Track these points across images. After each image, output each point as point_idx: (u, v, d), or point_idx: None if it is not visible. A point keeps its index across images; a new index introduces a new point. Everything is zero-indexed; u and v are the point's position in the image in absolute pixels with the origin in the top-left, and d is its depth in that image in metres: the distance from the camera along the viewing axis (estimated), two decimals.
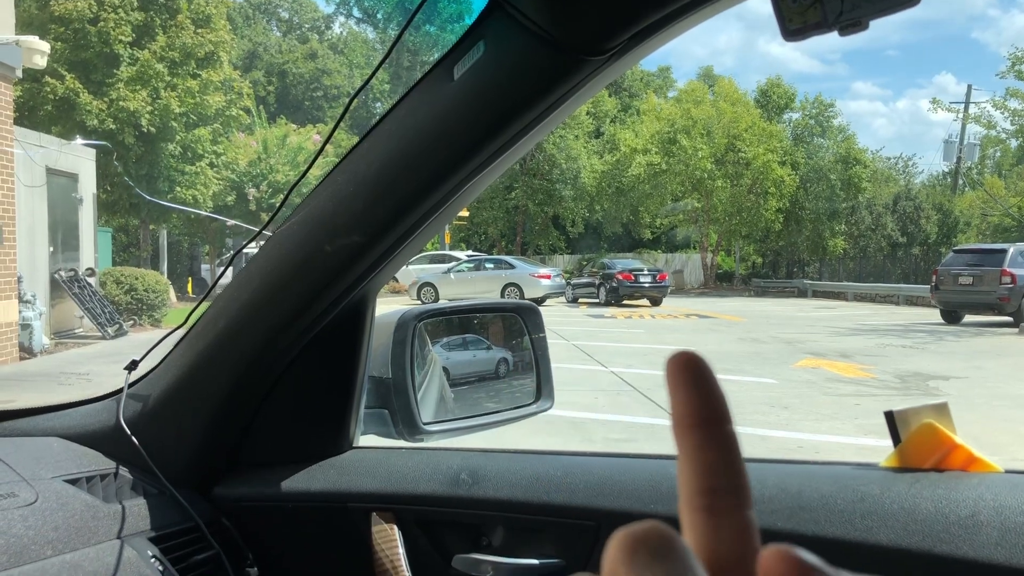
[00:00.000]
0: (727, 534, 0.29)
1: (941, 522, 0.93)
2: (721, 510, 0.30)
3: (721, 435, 0.31)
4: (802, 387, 9.34)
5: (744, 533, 0.30)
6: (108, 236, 21.35)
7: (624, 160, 35.05)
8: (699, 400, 0.31)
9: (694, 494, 0.30)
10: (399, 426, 1.35)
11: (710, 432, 0.30)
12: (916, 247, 33.95)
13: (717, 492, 0.30)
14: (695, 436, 0.30)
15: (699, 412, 0.31)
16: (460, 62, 0.99)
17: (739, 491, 0.30)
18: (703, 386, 0.31)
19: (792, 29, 0.92)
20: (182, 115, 21.20)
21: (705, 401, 0.31)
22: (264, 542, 1.29)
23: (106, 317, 14.55)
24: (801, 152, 36.00)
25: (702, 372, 0.31)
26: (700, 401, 0.31)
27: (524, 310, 1.58)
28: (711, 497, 0.30)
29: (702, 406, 0.31)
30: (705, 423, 0.31)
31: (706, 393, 0.31)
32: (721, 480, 0.30)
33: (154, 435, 1.25)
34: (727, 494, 0.30)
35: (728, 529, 0.29)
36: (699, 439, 0.30)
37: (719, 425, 0.31)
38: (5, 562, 0.93)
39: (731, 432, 0.31)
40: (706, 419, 0.31)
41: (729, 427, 0.31)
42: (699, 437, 0.30)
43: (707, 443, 0.30)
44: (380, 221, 1.09)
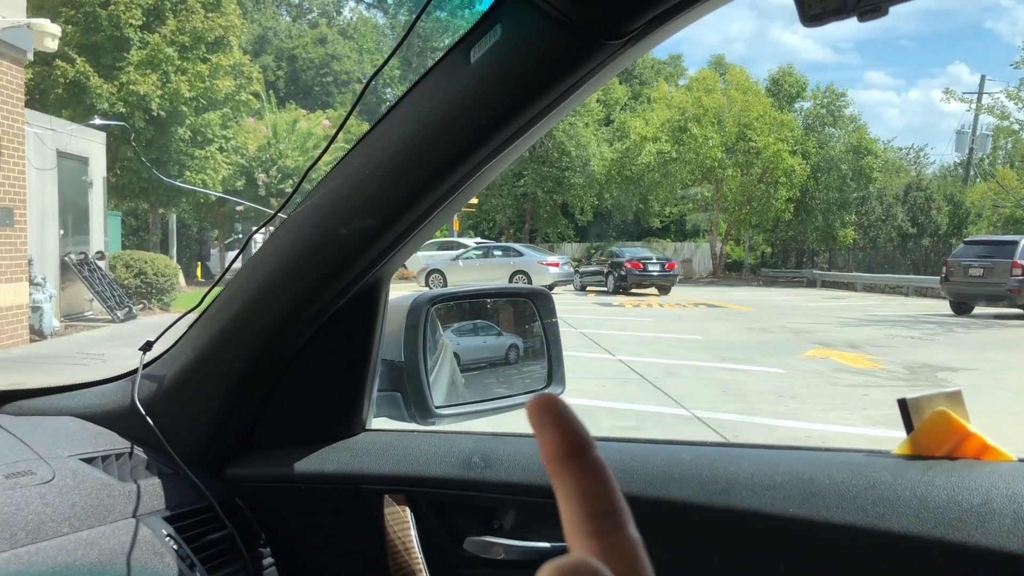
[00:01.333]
0: (619, 553, 0.31)
1: (954, 510, 0.93)
2: (608, 531, 0.32)
3: (590, 462, 0.33)
4: (810, 377, 9.33)
5: (632, 549, 0.32)
6: (118, 220, 21.40)
7: (634, 148, 34.94)
8: (563, 434, 0.33)
9: (581, 521, 0.32)
10: (411, 409, 1.35)
11: (580, 461, 0.33)
12: (926, 238, 33.80)
13: (601, 516, 0.32)
14: (569, 467, 0.33)
15: (566, 444, 0.33)
16: (477, 45, 0.98)
17: (619, 512, 0.32)
18: (564, 422, 0.33)
19: (811, 15, 0.91)
20: (192, 99, 21.19)
21: (569, 434, 0.33)
22: (277, 522, 1.29)
23: (115, 300, 14.61)
24: (812, 142, 35.82)
25: (561, 410, 0.34)
26: (565, 435, 0.33)
27: (537, 295, 1.58)
28: (596, 521, 0.32)
29: (567, 439, 0.33)
30: (574, 453, 0.33)
31: (568, 427, 0.33)
32: (602, 503, 0.32)
33: (168, 415, 1.26)
34: (610, 515, 0.32)
35: (619, 548, 0.31)
36: (573, 469, 0.33)
37: (586, 453, 0.33)
38: (23, 538, 0.94)
39: (598, 458, 0.33)
40: (574, 449, 0.33)
41: (595, 454, 0.33)
42: (572, 467, 0.33)
43: (580, 471, 0.33)
44: (395, 204, 1.09)
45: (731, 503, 1.04)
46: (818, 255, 38.03)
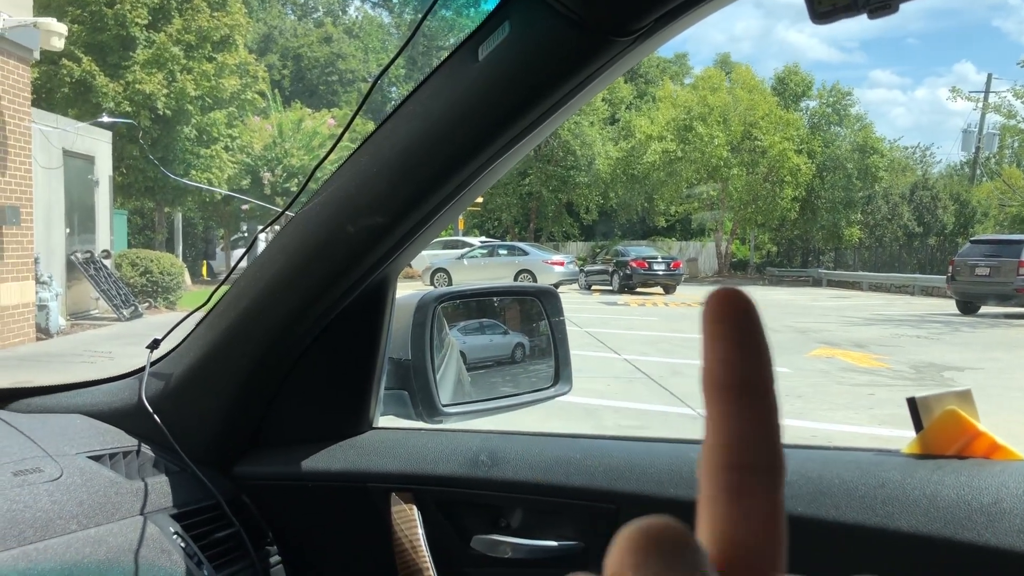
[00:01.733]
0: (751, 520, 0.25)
1: (963, 509, 0.93)
2: (748, 492, 0.25)
3: (761, 403, 0.26)
4: (816, 376, 9.31)
5: (770, 521, 0.25)
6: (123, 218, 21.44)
7: (639, 147, 34.89)
8: (740, 355, 0.26)
9: (719, 469, 0.25)
10: (418, 407, 1.35)
11: (748, 399, 0.25)
12: (932, 237, 33.71)
13: (747, 470, 0.25)
14: (730, 399, 0.25)
15: (738, 371, 0.25)
16: (485, 43, 0.98)
17: (772, 471, 0.25)
18: (748, 338, 0.26)
19: (821, 11, 0.91)
20: (198, 98, 21.22)
21: (747, 358, 0.26)
22: (284, 520, 1.30)
23: (121, 299, 14.63)
24: (818, 141, 35.75)
25: (749, 319, 0.26)
26: (741, 357, 0.26)
27: (543, 294, 1.58)
28: (739, 475, 0.25)
29: (743, 364, 0.25)
30: (744, 386, 0.25)
31: (750, 347, 0.26)
32: (753, 456, 0.25)
33: (176, 413, 1.26)
34: (758, 473, 0.25)
35: (753, 515, 0.25)
36: (734, 404, 0.25)
37: (760, 390, 0.26)
38: (32, 535, 0.95)
39: (773, 400, 0.26)
40: (746, 381, 0.26)
41: (772, 394, 0.26)
42: (735, 401, 0.25)
43: (743, 410, 0.25)
44: (403, 202, 1.09)
45: None
46: (824, 254, 37.96)
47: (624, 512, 1.11)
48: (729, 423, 0.26)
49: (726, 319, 0.26)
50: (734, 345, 0.26)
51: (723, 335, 0.26)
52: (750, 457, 0.25)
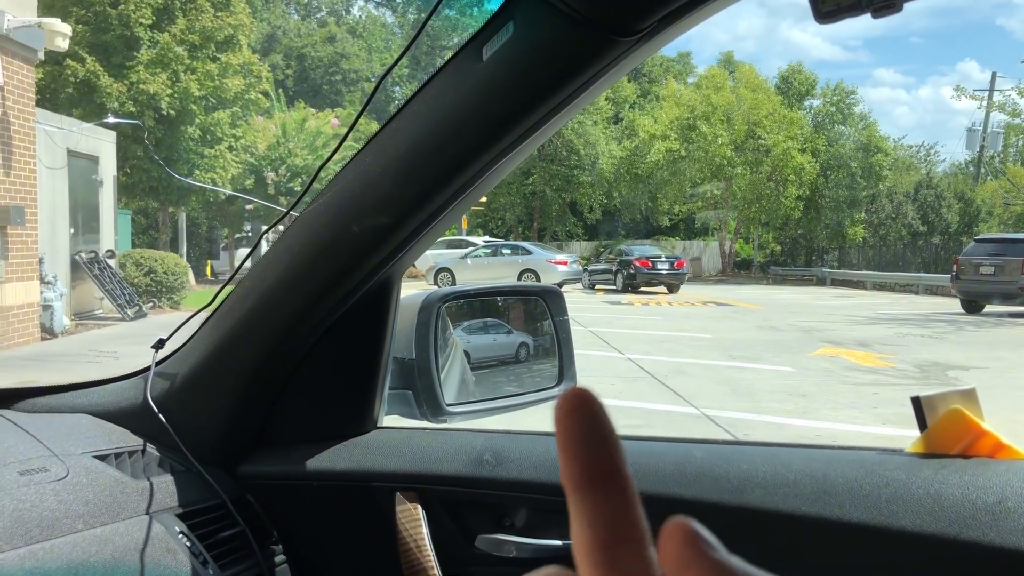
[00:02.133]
0: None
1: (968, 508, 0.93)
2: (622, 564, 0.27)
3: (615, 486, 0.28)
4: (820, 375, 9.30)
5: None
6: (128, 218, 21.49)
7: (643, 146, 34.90)
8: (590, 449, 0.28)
9: (591, 550, 0.27)
10: (423, 407, 1.36)
11: (605, 487, 0.28)
12: (937, 236, 33.65)
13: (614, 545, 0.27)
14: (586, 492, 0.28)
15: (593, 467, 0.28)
16: (489, 42, 0.98)
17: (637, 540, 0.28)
18: (594, 431, 0.28)
19: (825, 11, 0.91)
20: (201, 98, 21.24)
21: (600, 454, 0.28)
22: (289, 520, 1.30)
23: (126, 299, 14.66)
24: (822, 139, 35.71)
25: (595, 416, 0.28)
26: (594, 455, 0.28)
27: (548, 293, 1.58)
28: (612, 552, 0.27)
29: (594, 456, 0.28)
30: (597, 477, 0.28)
31: (600, 445, 0.28)
32: (618, 533, 0.27)
33: (181, 413, 1.27)
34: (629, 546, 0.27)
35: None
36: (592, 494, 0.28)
37: (612, 476, 0.28)
38: (38, 535, 0.95)
39: (625, 481, 0.28)
40: (598, 472, 0.28)
41: (623, 476, 0.28)
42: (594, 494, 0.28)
43: (601, 497, 0.28)
44: (407, 202, 1.10)
45: (744, 501, 1.04)
46: (828, 253, 37.92)
47: None
48: (591, 511, 0.28)
49: (572, 417, 0.28)
50: (583, 441, 0.28)
51: (571, 434, 0.28)
52: (616, 534, 0.27)
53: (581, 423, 0.28)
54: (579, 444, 0.28)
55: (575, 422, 0.28)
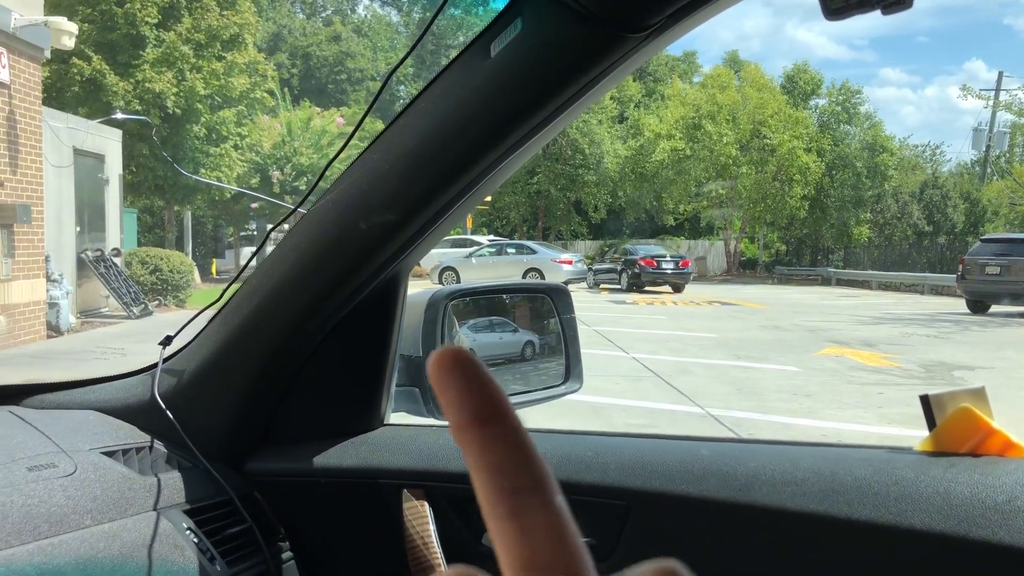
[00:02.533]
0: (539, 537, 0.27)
1: (977, 507, 0.93)
2: (525, 511, 0.27)
3: (503, 431, 0.28)
4: (825, 375, 9.28)
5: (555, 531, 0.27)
6: (133, 217, 21.52)
7: (648, 145, 34.87)
8: (471, 397, 0.28)
9: (493, 502, 0.27)
10: (430, 404, 1.36)
11: (490, 429, 0.28)
12: (942, 236, 33.57)
13: (517, 493, 0.27)
14: (476, 437, 0.28)
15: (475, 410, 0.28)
16: (497, 39, 0.98)
17: (540, 485, 0.28)
18: (473, 381, 0.29)
19: (834, 8, 0.90)
20: (207, 97, 21.28)
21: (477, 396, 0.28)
22: (296, 517, 1.30)
23: (131, 297, 14.69)
24: (827, 139, 35.64)
25: (471, 367, 0.29)
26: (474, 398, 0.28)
27: (554, 291, 1.58)
28: (512, 499, 0.27)
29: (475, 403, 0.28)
30: (481, 419, 0.28)
31: (477, 387, 0.28)
32: (517, 478, 0.27)
33: (188, 409, 1.27)
34: (528, 493, 0.27)
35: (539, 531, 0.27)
36: (482, 439, 0.28)
37: (499, 421, 0.28)
38: (47, 530, 0.95)
39: (516, 426, 0.28)
40: (483, 416, 0.28)
41: (512, 421, 0.28)
42: (481, 437, 0.28)
43: (489, 443, 0.28)
44: (415, 199, 1.09)
45: (752, 499, 1.04)
46: (833, 253, 37.86)
47: (635, 508, 1.11)
48: (482, 456, 0.28)
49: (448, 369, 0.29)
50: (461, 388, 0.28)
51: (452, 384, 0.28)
52: (513, 480, 0.27)
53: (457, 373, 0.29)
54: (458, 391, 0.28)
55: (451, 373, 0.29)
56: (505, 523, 0.27)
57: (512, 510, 0.27)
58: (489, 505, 0.28)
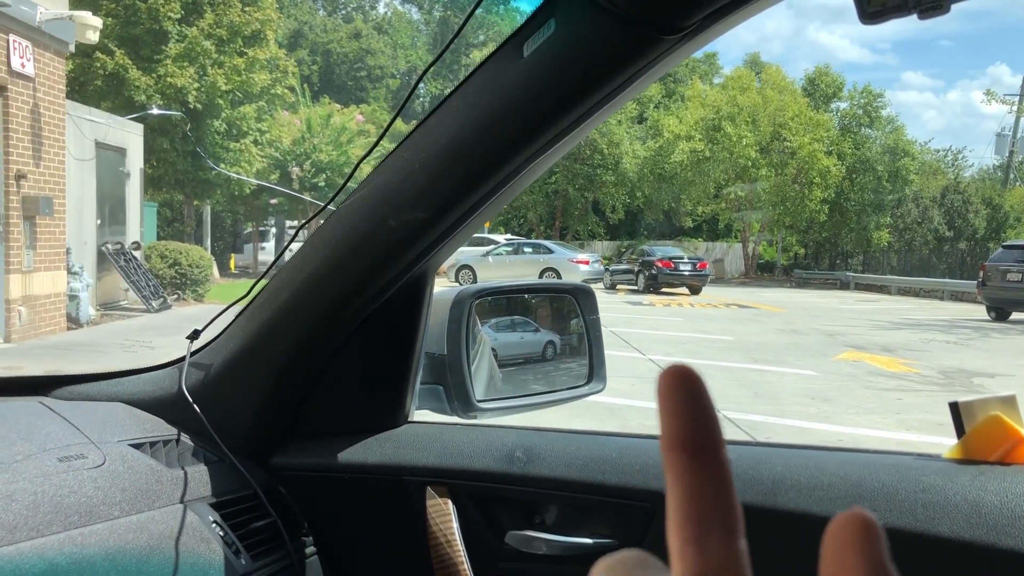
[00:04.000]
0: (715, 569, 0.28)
1: (1007, 516, 0.92)
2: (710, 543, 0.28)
3: (713, 463, 0.29)
4: (843, 380, 9.24)
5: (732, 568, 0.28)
6: (153, 211, 21.65)
7: (667, 146, 34.75)
8: (692, 423, 0.29)
9: (683, 523, 0.28)
10: (453, 402, 1.36)
11: (700, 457, 0.28)
12: (963, 241, 33.29)
13: (706, 523, 0.28)
14: (685, 460, 0.28)
15: (692, 437, 0.29)
16: (530, 39, 0.98)
17: (729, 524, 0.28)
18: (697, 408, 0.29)
19: (871, 12, 0.90)
20: (228, 92, 21.37)
21: (699, 425, 0.29)
22: (320, 512, 1.31)
23: (150, 290, 14.79)
24: (848, 142, 35.41)
25: (697, 391, 0.29)
26: (693, 425, 0.29)
27: (579, 291, 1.58)
28: (699, 528, 0.28)
29: (695, 430, 0.29)
30: (696, 447, 0.29)
31: (700, 416, 0.29)
32: (711, 511, 0.28)
33: (215, 403, 1.28)
34: (717, 526, 0.28)
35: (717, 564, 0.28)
36: (688, 463, 0.28)
37: (712, 453, 0.29)
38: (77, 520, 0.96)
39: (723, 460, 0.29)
40: (699, 445, 0.29)
41: (722, 455, 0.29)
42: (689, 461, 0.28)
43: (696, 468, 0.28)
44: (445, 197, 1.10)
45: (778, 503, 1.04)
46: (852, 257, 37.63)
47: (660, 511, 1.11)
48: (686, 481, 0.28)
49: (677, 390, 0.29)
50: (685, 411, 0.29)
51: (675, 404, 0.29)
52: (709, 512, 0.28)
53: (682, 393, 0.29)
54: (681, 409, 0.29)
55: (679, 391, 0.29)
56: (690, 548, 0.28)
57: (700, 540, 0.28)
58: (679, 525, 0.28)
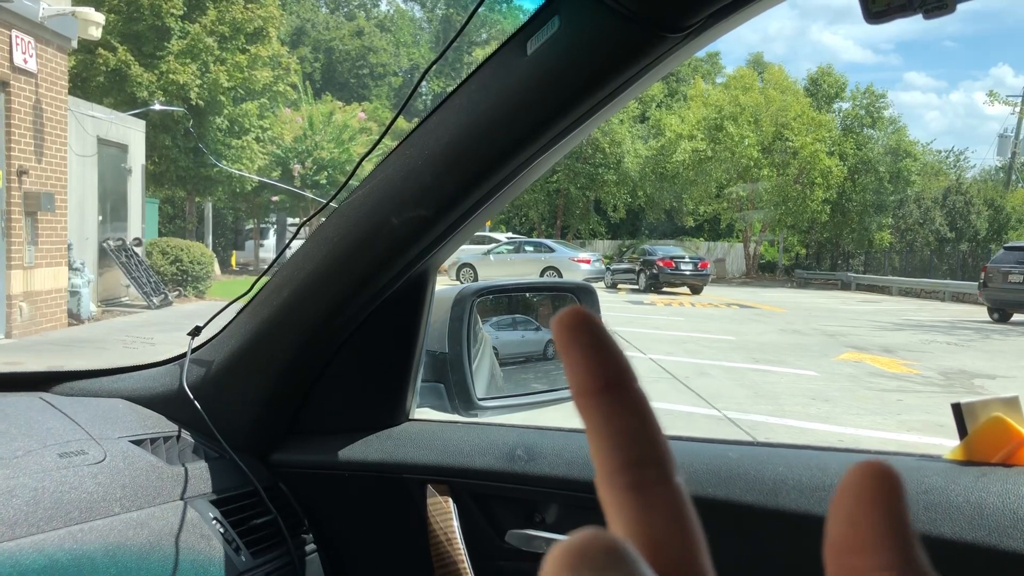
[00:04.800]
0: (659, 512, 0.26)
1: (1009, 517, 0.92)
2: (647, 484, 0.26)
3: (629, 398, 0.27)
4: (844, 380, 9.23)
5: (677, 508, 0.26)
6: (155, 207, 21.65)
7: (669, 146, 34.73)
8: (598, 362, 0.27)
9: (614, 471, 0.26)
10: (454, 401, 1.36)
11: (616, 396, 0.26)
12: (964, 243, 33.27)
13: (638, 464, 0.26)
14: (601, 403, 0.26)
15: (600, 375, 0.26)
16: (534, 37, 0.98)
17: (661, 460, 0.26)
18: (599, 346, 0.27)
19: (875, 11, 0.90)
20: (230, 89, 21.37)
21: (605, 362, 0.27)
22: (320, 509, 1.31)
23: (151, 287, 14.79)
24: (850, 143, 35.38)
25: (595, 330, 0.27)
26: (599, 363, 0.27)
27: (581, 290, 1.58)
28: (633, 471, 0.26)
29: (602, 368, 0.27)
30: (609, 387, 0.26)
31: (604, 353, 0.27)
32: (639, 449, 0.26)
33: (216, 400, 1.28)
34: (650, 465, 0.26)
35: (659, 506, 0.26)
36: (605, 406, 0.26)
37: (625, 387, 0.27)
38: (77, 516, 0.96)
39: (639, 393, 0.27)
40: (609, 382, 0.26)
41: (636, 388, 0.27)
42: (605, 403, 0.26)
43: (616, 409, 0.26)
44: (448, 195, 1.10)
45: (779, 504, 1.04)
46: (853, 258, 37.60)
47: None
48: (606, 425, 0.26)
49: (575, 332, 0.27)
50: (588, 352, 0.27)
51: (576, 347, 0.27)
52: (636, 452, 0.26)
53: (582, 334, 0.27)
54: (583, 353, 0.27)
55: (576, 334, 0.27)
56: (625, 494, 0.26)
57: (634, 482, 0.26)
58: (608, 474, 0.26)
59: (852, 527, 0.24)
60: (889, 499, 0.24)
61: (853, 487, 0.25)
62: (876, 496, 0.24)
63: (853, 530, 0.24)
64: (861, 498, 0.24)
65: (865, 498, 0.24)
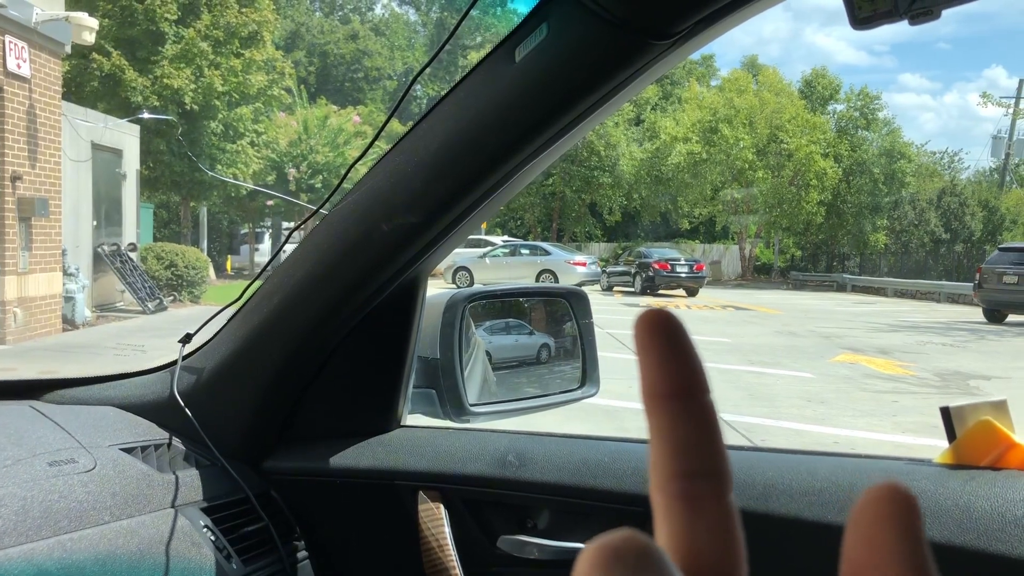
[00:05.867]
0: (706, 526, 0.26)
1: (997, 521, 0.92)
2: (699, 497, 0.26)
3: (698, 407, 0.27)
4: (839, 382, 9.24)
5: (725, 524, 0.26)
6: (150, 212, 21.63)
7: (664, 148, 34.76)
8: (673, 367, 0.27)
9: (669, 478, 0.26)
10: (446, 406, 1.36)
11: (685, 403, 0.26)
12: (959, 244, 33.34)
13: (695, 476, 0.26)
14: (669, 408, 0.26)
15: (673, 380, 0.27)
16: (522, 44, 0.98)
17: (719, 475, 0.26)
18: (678, 350, 0.27)
19: (861, 17, 0.90)
20: (225, 94, 21.34)
21: (680, 368, 0.27)
22: (312, 516, 1.30)
23: (146, 292, 14.77)
24: (845, 144, 35.45)
25: (677, 334, 0.27)
26: (674, 368, 0.27)
27: (573, 295, 1.58)
28: (688, 482, 0.26)
29: (677, 373, 0.27)
30: (680, 393, 0.27)
31: (681, 358, 0.27)
32: (699, 461, 0.26)
33: (207, 407, 1.27)
34: (706, 478, 0.26)
35: (707, 520, 0.26)
36: (673, 412, 0.26)
37: (696, 396, 0.27)
38: (66, 525, 0.96)
39: (709, 404, 0.27)
40: (681, 389, 0.27)
41: (707, 398, 0.27)
42: (673, 409, 0.26)
43: (683, 416, 0.26)
44: (437, 201, 1.10)
45: (769, 508, 1.04)
46: (849, 259, 37.67)
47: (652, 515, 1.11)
48: (671, 431, 0.26)
49: (655, 334, 0.27)
50: (665, 355, 0.27)
51: (654, 348, 0.27)
52: (695, 463, 0.26)
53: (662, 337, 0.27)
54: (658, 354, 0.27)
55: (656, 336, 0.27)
56: (675, 502, 0.26)
57: (686, 492, 0.26)
58: (662, 479, 0.26)
59: (870, 548, 0.24)
60: (906, 520, 0.24)
61: (870, 508, 0.25)
62: (893, 517, 0.24)
63: (871, 551, 0.24)
64: (878, 519, 0.24)
65: (882, 519, 0.24)
